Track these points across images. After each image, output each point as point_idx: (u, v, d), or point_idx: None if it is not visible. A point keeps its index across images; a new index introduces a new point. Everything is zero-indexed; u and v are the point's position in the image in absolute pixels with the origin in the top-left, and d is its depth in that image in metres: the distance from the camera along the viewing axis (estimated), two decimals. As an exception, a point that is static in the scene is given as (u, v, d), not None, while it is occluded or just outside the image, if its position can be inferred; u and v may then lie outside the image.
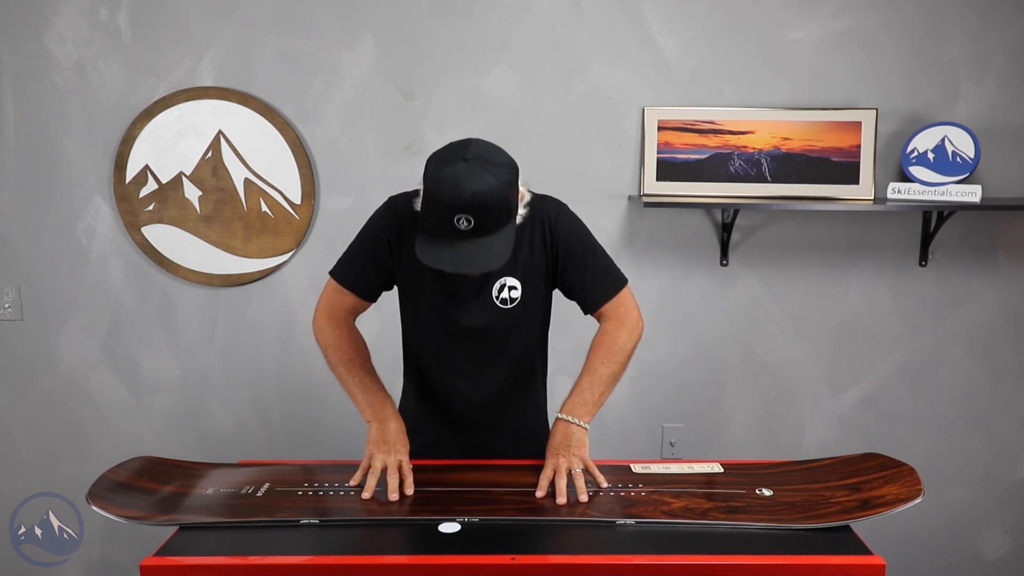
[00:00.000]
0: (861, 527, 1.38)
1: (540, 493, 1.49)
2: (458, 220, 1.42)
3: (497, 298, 1.64)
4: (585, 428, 1.58)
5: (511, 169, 1.49)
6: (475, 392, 1.74)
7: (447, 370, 1.73)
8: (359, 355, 1.72)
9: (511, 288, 1.64)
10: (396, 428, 1.62)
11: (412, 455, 1.64)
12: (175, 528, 1.39)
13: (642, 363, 2.60)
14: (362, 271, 1.71)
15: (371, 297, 1.74)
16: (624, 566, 1.29)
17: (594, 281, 1.68)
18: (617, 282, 1.71)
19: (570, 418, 1.58)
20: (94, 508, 1.42)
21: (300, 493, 1.51)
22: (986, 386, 2.62)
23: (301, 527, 1.39)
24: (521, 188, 1.56)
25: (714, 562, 1.28)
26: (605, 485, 1.52)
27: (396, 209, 1.66)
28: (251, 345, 2.60)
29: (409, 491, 1.51)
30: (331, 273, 1.73)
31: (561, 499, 1.47)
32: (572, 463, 1.53)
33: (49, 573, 2.71)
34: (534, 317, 1.72)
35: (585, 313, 1.74)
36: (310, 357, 2.58)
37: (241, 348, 2.60)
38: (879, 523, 1.38)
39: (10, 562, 2.65)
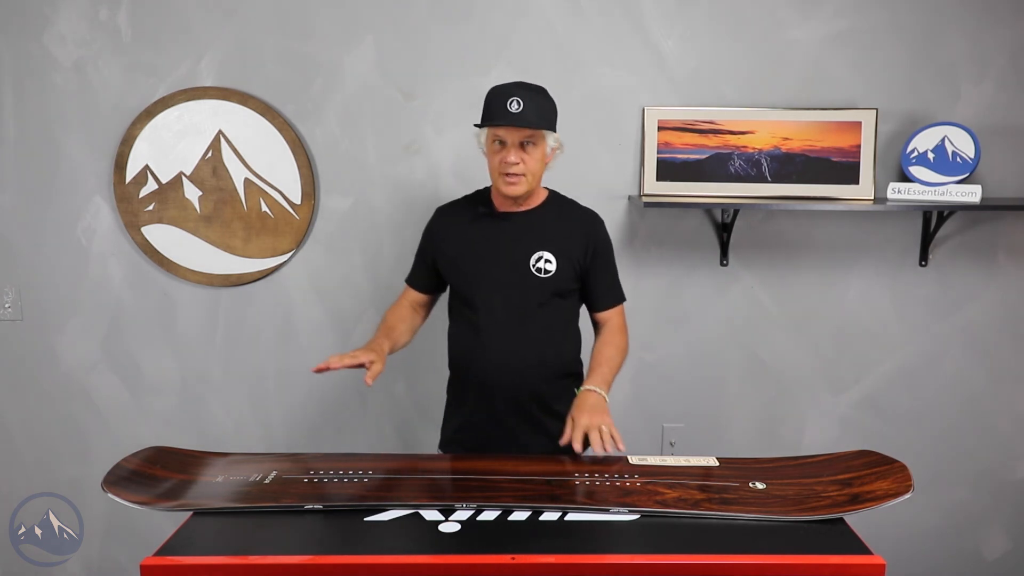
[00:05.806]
0: (861, 526, 1.39)
1: (565, 440, 1.71)
2: (510, 103, 1.79)
3: (533, 267, 1.89)
4: (605, 397, 1.83)
5: (554, 106, 1.90)
6: (508, 349, 1.88)
7: (485, 324, 1.90)
8: (389, 321, 2.01)
9: (547, 261, 1.89)
10: (368, 343, 1.90)
11: (449, 444, 2.00)
12: (176, 526, 1.40)
13: (642, 363, 2.60)
14: (416, 268, 2.08)
15: (425, 290, 2.07)
16: (624, 565, 1.29)
17: (609, 287, 1.99)
18: (622, 296, 2.02)
19: (593, 388, 1.84)
20: (110, 495, 1.49)
21: (306, 480, 1.57)
22: (986, 386, 2.62)
23: (305, 513, 1.44)
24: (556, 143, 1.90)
25: (715, 561, 1.28)
26: (623, 448, 1.69)
27: (441, 208, 2.04)
28: (251, 345, 2.60)
29: (361, 359, 1.79)
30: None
31: (598, 448, 1.67)
32: (603, 421, 1.73)
33: (49, 573, 2.71)
34: (564, 293, 1.93)
35: (592, 311, 2.00)
36: (310, 357, 2.59)
37: (241, 348, 2.60)
38: (879, 523, 1.39)
39: (10, 562, 2.65)
